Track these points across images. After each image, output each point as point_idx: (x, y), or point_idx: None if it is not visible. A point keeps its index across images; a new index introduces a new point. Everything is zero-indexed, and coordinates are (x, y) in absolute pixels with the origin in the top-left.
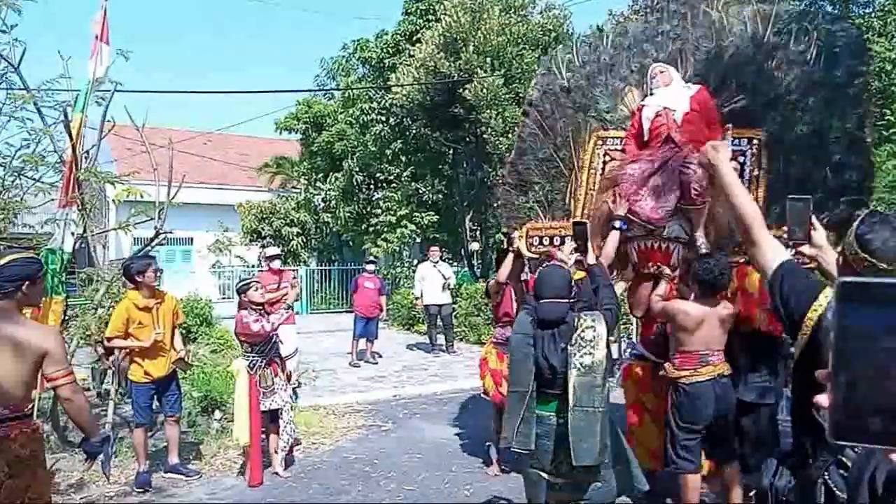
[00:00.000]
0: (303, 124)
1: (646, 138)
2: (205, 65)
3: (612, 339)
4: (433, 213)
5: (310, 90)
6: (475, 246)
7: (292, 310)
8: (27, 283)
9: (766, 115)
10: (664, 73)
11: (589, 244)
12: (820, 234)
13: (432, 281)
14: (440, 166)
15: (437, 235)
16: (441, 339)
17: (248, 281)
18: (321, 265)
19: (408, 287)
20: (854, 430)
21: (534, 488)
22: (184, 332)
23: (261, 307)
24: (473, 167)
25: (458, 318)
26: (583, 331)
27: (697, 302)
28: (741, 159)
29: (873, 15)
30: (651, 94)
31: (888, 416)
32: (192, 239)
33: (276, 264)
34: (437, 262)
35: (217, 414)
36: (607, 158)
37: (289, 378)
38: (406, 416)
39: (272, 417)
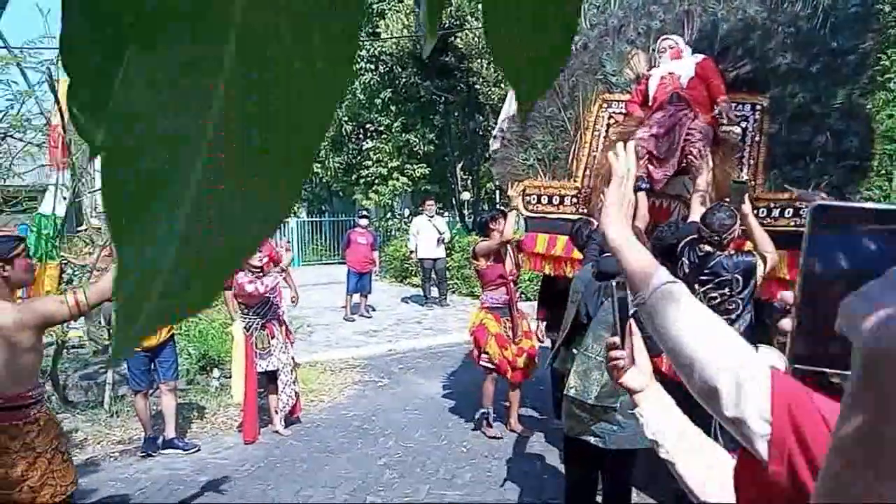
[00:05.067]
0: None
1: (650, 103)
2: None
3: None
4: (424, 165)
5: None
6: (466, 196)
7: (283, 274)
8: (2, 263)
9: (770, 80)
10: (674, 48)
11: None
12: None
13: (427, 235)
14: (431, 116)
15: (429, 187)
16: (434, 292)
17: None
18: (311, 216)
19: (400, 239)
20: (813, 356)
21: (567, 413)
22: None
23: (259, 269)
24: (465, 117)
25: (450, 270)
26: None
27: None
28: (744, 124)
29: None
30: (657, 66)
31: (845, 340)
32: None
33: None
34: (432, 216)
35: (216, 372)
36: (611, 121)
37: (289, 338)
38: (401, 371)
39: (270, 378)
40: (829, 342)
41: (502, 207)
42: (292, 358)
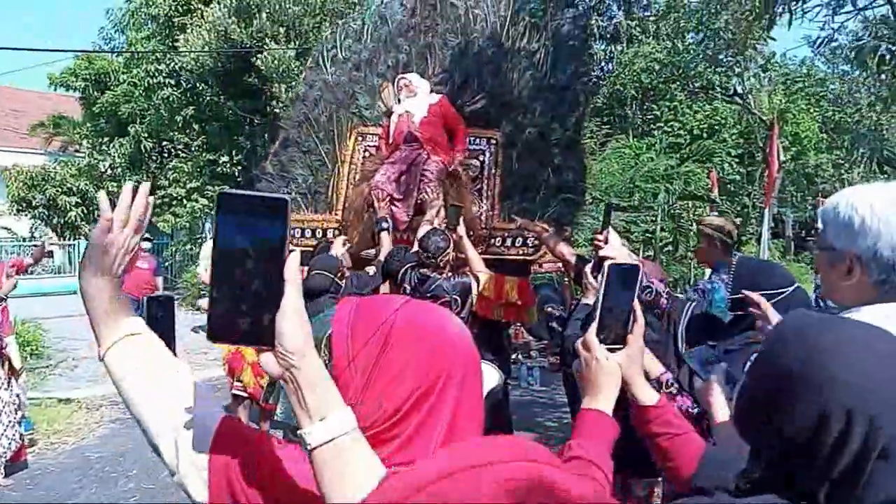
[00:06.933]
0: (82, 81)
1: (391, 140)
2: None
3: None
4: (230, 186)
5: (86, 51)
6: None
7: (4, 302)
8: None
9: (503, 115)
10: (409, 86)
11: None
12: (614, 237)
13: None
14: (236, 137)
15: None
16: None
17: None
18: None
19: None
20: (227, 331)
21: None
22: None
23: None
24: (273, 139)
25: None
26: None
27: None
28: (481, 158)
29: (650, 17)
30: (398, 103)
31: (251, 318)
32: None
33: None
34: None
35: None
36: (367, 154)
37: (13, 374)
38: None
39: None
40: (237, 318)
41: None
42: (17, 396)
